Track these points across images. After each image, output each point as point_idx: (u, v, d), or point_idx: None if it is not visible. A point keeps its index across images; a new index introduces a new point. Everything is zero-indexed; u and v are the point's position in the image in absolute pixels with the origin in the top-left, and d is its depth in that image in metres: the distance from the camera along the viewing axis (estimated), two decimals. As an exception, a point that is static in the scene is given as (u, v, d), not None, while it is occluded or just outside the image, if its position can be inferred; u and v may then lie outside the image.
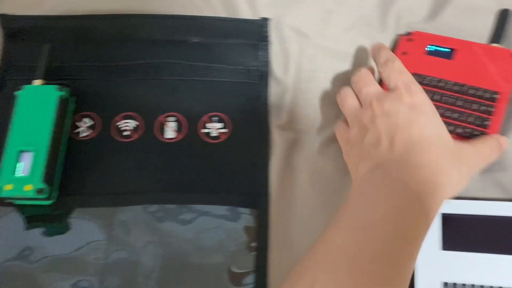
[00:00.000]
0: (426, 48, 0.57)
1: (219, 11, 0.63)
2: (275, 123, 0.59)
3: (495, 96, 0.53)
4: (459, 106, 0.54)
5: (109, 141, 0.57)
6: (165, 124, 0.58)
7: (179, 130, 0.58)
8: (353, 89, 0.52)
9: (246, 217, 0.54)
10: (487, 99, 0.53)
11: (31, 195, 0.52)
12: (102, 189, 0.56)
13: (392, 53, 0.53)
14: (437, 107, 0.50)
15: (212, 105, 0.59)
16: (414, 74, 0.52)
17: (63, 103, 0.57)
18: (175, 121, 0.59)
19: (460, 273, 0.48)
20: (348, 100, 0.52)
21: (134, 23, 0.63)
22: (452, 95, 0.54)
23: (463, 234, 0.49)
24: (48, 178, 0.53)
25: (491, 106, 0.53)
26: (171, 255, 0.52)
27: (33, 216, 0.55)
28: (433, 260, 0.49)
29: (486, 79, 0.54)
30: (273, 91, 0.60)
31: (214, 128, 0.58)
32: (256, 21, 0.62)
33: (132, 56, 0.62)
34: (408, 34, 0.59)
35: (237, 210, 0.54)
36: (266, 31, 0.62)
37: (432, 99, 0.50)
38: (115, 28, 0.63)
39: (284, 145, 0.57)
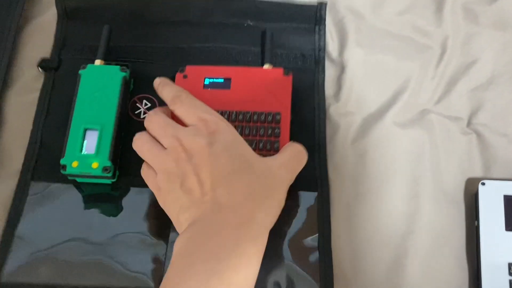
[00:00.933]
0: (203, 82, 0.57)
1: None
2: (333, 108, 0.60)
3: (278, 117, 0.55)
4: (247, 135, 0.54)
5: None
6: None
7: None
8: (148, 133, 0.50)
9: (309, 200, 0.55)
10: (271, 121, 0.55)
11: (97, 172, 0.53)
12: None
13: (176, 86, 0.53)
14: None
15: None
16: None
17: (126, 84, 0.57)
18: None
19: None
20: (145, 147, 0.50)
21: (191, 5, 0.63)
22: (239, 124, 0.54)
23: None
24: (114, 156, 0.54)
25: (277, 127, 0.54)
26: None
27: (92, 194, 0.56)
28: (497, 242, 0.50)
29: (266, 102, 0.55)
30: (328, 73, 0.62)
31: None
32: (313, 6, 0.63)
33: (188, 39, 0.63)
34: (182, 70, 0.58)
35: (299, 193, 0.55)
36: (323, 15, 0.62)
37: None
38: (171, 10, 0.63)
39: (345, 129, 0.59)
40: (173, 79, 0.58)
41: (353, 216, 0.54)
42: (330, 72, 0.62)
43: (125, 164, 0.56)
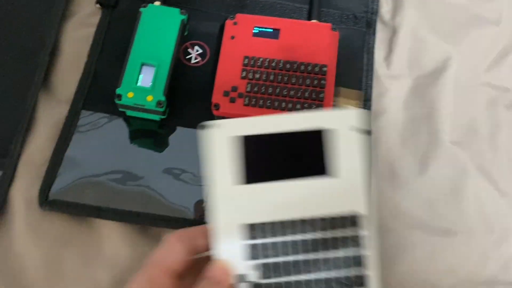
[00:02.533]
0: (252, 30, 0.59)
1: None
2: (382, 70, 0.61)
3: (324, 69, 0.56)
4: (293, 84, 0.56)
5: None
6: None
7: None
8: None
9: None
10: (318, 73, 0.56)
11: (151, 106, 0.55)
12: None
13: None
14: (274, 87, 0.54)
15: None
16: (245, 57, 0.56)
17: (183, 27, 0.59)
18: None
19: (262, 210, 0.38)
20: None
21: None
22: (285, 73, 0.56)
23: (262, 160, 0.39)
24: (168, 93, 0.56)
25: (323, 79, 0.56)
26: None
27: (140, 129, 0.58)
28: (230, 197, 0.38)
29: (313, 54, 0.57)
30: (379, 36, 0.63)
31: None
32: None
33: None
34: (232, 18, 0.59)
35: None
36: None
37: (268, 80, 0.55)
38: None
39: (394, 91, 0.60)
40: (223, 27, 0.60)
41: (395, 178, 0.56)
42: (381, 34, 0.63)
43: (173, 104, 0.58)
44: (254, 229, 0.37)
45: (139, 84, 0.55)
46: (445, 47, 0.61)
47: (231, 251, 0.37)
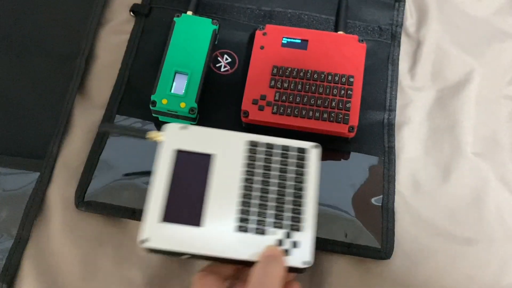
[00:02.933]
0: (281, 41, 0.61)
1: None
2: (406, 82, 0.63)
3: (351, 79, 0.58)
4: (320, 93, 0.58)
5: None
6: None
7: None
8: None
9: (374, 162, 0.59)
10: (344, 83, 0.58)
11: (183, 112, 0.57)
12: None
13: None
14: (301, 96, 0.57)
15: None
16: (274, 67, 0.58)
17: (215, 37, 0.61)
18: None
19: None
20: None
21: None
22: (313, 83, 0.58)
23: None
24: (199, 100, 0.58)
25: (350, 89, 0.58)
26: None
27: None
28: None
29: (340, 65, 0.58)
30: (404, 48, 0.65)
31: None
32: None
33: (272, 2, 0.66)
34: (262, 28, 0.61)
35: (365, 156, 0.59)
36: None
37: (296, 89, 0.57)
38: None
39: (418, 102, 0.62)
40: (252, 38, 0.62)
41: (417, 187, 0.57)
42: (405, 47, 0.65)
43: (203, 110, 0.60)
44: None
45: (172, 91, 0.57)
46: (468, 60, 0.63)
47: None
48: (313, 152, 0.48)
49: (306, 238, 0.43)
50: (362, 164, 0.58)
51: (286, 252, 0.43)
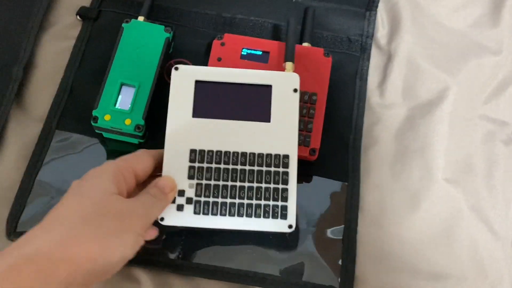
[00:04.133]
0: (240, 52, 0.56)
1: None
2: (375, 98, 0.58)
3: (314, 97, 0.54)
4: None
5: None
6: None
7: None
8: None
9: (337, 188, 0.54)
10: (307, 101, 0.54)
11: (129, 130, 0.51)
12: None
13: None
14: None
15: None
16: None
17: (168, 45, 0.56)
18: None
19: (209, 141, 0.48)
20: None
21: None
22: None
23: (213, 101, 0.49)
24: (147, 116, 0.52)
25: (312, 108, 0.53)
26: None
27: (116, 151, 0.54)
28: (183, 128, 0.48)
29: (303, 81, 0.52)
30: (374, 62, 0.60)
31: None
32: None
33: (232, 8, 0.61)
34: (220, 37, 0.56)
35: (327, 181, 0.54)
36: (376, 2, 0.61)
37: None
38: None
39: (387, 121, 0.57)
40: (210, 46, 0.57)
41: (383, 216, 0.53)
42: (375, 60, 0.60)
43: (153, 127, 0.54)
44: (196, 154, 0.47)
45: (117, 106, 0.52)
46: (442, 77, 0.58)
47: (177, 170, 0.47)
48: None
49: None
50: (324, 190, 0.53)
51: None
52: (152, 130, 0.54)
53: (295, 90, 0.49)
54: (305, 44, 0.58)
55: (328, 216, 0.52)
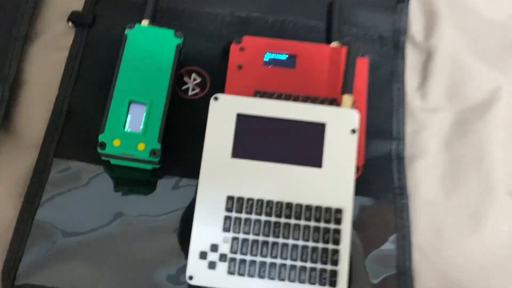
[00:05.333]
0: (263, 58, 0.50)
1: None
2: (416, 102, 0.52)
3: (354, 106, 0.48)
4: None
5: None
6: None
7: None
8: None
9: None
10: None
11: (143, 156, 0.44)
12: None
13: None
14: None
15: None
16: (256, 92, 0.48)
17: (179, 53, 0.48)
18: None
19: (249, 186, 0.43)
20: None
21: None
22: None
23: (256, 140, 0.44)
24: (163, 138, 0.45)
25: None
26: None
27: (128, 179, 0.47)
28: (220, 170, 0.43)
29: (337, 87, 0.48)
30: (411, 60, 0.54)
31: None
32: None
33: (248, 6, 0.55)
34: (238, 41, 0.50)
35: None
36: None
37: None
38: None
39: (432, 127, 0.51)
40: (226, 50, 0.50)
41: (439, 239, 0.47)
42: (412, 58, 0.54)
43: (168, 149, 0.47)
44: (234, 202, 0.42)
45: (127, 128, 0.45)
46: (492, 75, 0.52)
47: (210, 220, 0.41)
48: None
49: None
50: (367, 211, 0.47)
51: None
52: (168, 153, 0.47)
53: (353, 131, 0.43)
54: (333, 44, 0.51)
55: (375, 244, 0.46)
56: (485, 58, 0.54)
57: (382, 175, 0.48)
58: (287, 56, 0.50)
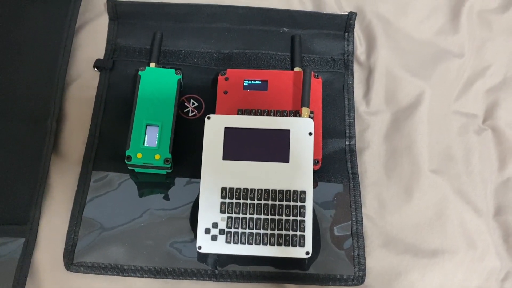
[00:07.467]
0: (243, 84, 0.64)
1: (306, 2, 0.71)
2: (362, 108, 0.67)
3: (311, 115, 0.61)
4: None
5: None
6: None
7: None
8: None
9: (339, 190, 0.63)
10: None
11: (159, 163, 0.59)
12: None
13: None
14: None
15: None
16: (238, 110, 0.61)
17: (180, 85, 0.64)
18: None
19: (237, 180, 0.56)
20: None
21: (232, 13, 0.69)
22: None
23: (240, 145, 0.58)
24: (172, 149, 0.60)
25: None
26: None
27: (148, 182, 0.62)
28: (215, 169, 0.57)
29: (299, 102, 0.62)
30: (357, 76, 0.68)
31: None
32: (344, 15, 0.70)
33: (229, 44, 0.69)
34: (223, 73, 0.64)
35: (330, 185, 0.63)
36: (352, 24, 0.69)
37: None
38: (214, 17, 0.70)
39: (375, 126, 0.66)
40: (215, 80, 0.65)
41: (383, 209, 0.61)
42: (358, 74, 0.69)
43: (176, 157, 0.62)
44: (227, 192, 0.56)
45: (145, 144, 0.60)
46: (417, 83, 0.67)
47: (211, 205, 0.56)
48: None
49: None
50: (330, 192, 0.62)
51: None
52: (176, 160, 0.62)
53: (310, 134, 0.57)
54: (296, 69, 0.66)
55: (336, 215, 0.60)
56: (412, 70, 0.68)
57: (339, 164, 0.63)
58: (261, 81, 0.64)
